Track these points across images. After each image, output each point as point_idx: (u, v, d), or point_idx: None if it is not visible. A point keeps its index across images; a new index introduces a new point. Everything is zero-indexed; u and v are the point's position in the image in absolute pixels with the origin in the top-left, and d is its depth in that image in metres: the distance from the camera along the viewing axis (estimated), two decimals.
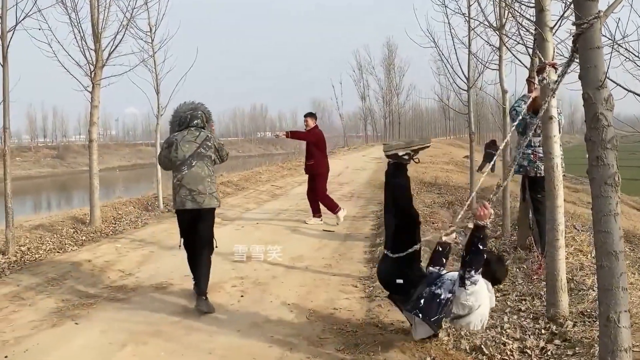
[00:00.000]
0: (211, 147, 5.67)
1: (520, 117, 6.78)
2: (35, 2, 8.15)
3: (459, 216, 4.54)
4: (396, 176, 4.58)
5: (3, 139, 8.01)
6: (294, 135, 10.85)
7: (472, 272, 3.81)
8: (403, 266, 4.18)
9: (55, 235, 9.10)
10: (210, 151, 5.66)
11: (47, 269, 7.15)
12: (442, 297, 3.97)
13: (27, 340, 4.71)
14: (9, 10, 7.80)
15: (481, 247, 3.80)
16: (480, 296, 3.90)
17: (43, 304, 5.73)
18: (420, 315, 4.00)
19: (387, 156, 4.60)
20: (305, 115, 10.55)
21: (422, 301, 4.01)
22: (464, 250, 4.00)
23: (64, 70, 9.96)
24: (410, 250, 4.12)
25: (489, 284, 4.06)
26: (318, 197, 10.44)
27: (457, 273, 4.02)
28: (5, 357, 4.36)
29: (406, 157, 4.54)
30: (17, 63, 8.35)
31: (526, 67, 6.77)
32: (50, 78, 42.57)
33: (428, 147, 4.68)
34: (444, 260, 4.49)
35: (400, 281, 4.14)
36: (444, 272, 4.33)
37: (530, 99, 5.85)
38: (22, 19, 7.97)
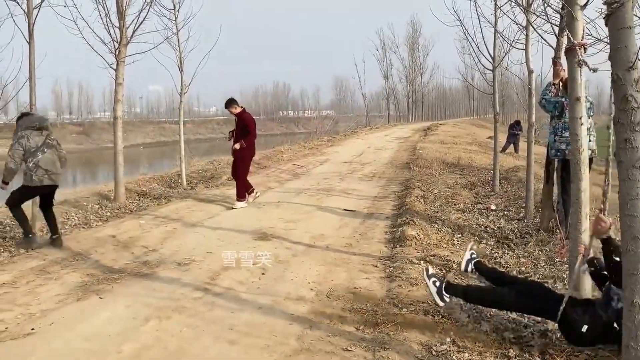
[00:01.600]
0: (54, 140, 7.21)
1: (556, 100, 6.72)
2: None
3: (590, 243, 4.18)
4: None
5: None
6: (248, 142, 10.02)
7: None
8: (571, 320, 3.82)
9: (80, 211, 9.25)
10: (54, 142, 7.23)
11: (72, 244, 7.28)
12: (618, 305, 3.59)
13: (53, 314, 4.81)
14: None
15: (618, 259, 3.50)
16: None
17: (68, 278, 5.85)
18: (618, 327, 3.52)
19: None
20: (228, 105, 10.01)
21: (615, 324, 3.60)
22: (607, 272, 3.77)
23: (89, 48, 10.05)
24: (562, 307, 3.81)
25: None
26: (240, 179, 10.07)
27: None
28: (32, 329, 4.47)
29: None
30: (42, 40, 8.42)
31: (552, 47, 6.65)
32: (75, 55, 42.90)
33: None
34: (606, 274, 3.96)
35: (585, 327, 3.73)
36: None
37: (559, 81, 5.76)
38: None
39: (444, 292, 4.40)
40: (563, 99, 6.56)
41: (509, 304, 4.21)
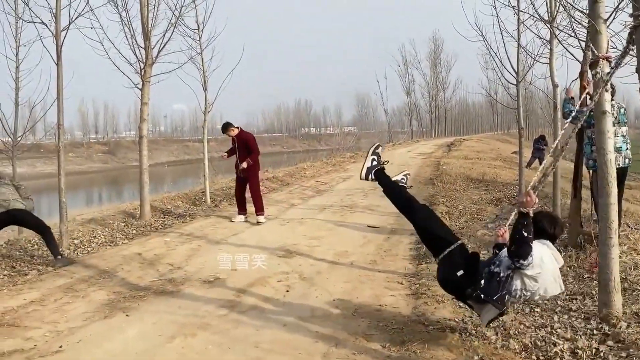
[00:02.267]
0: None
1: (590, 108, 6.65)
2: (88, 1, 8.38)
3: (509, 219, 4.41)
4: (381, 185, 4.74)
5: (57, 136, 8.26)
6: (252, 158, 10.26)
7: (522, 261, 3.77)
8: (453, 261, 4.12)
9: (106, 229, 9.36)
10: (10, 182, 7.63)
11: (99, 262, 7.36)
12: (502, 274, 3.92)
13: (80, 331, 4.85)
14: (63, 10, 8.04)
15: (525, 234, 3.77)
16: (542, 261, 3.86)
17: (95, 295, 5.90)
18: (482, 295, 3.93)
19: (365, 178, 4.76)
20: (225, 130, 10.24)
21: (482, 282, 3.96)
22: (509, 241, 3.96)
23: (115, 68, 10.25)
24: (452, 247, 4.13)
25: (547, 242, 4.02)
26: (257, 194, 10.28)
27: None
28: (60, 347, 4.51)
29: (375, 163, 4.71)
30: (70, 61, 8.60)
31: (578, 60, 6.59)
32: (101, 75, 43.75)
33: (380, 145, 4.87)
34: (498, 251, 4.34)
35: (460, 272, 4.03)
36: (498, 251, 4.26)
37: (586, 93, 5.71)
38: (75, 18, 8.22)
39: (372, 173, 4.70)
40: None
41: (418, 217, 4.47)
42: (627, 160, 6.71)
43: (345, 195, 13.64)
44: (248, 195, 10.40)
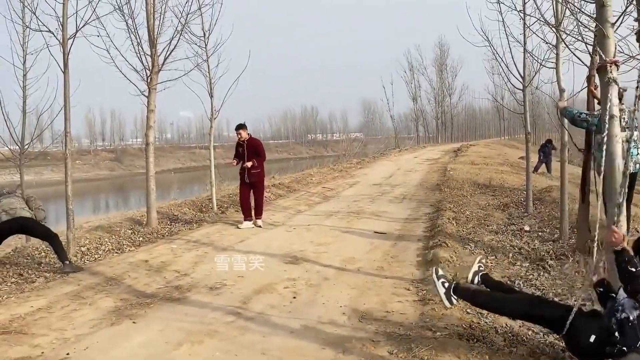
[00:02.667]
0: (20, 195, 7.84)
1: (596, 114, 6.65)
2: (94, 10, 8.42)
3: (599, 260, 4.11)
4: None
5: (64, 143, 8.29)
6: (260, 162, 10.49)
7: None
8: (579, 331, 3.74)
9: (113, 236, 9.37)
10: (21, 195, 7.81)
11: (106, 269, 7.36)
12: (632, 317, 3.50)
13: (87, 338, 4.85)
14: (70, 18, 8.09)
15: (633, 269, 3.52)
16: None
17: (102, 303, 5.90)
18: (624, 348, 3.46)
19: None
20: (240, 128, 10.44)
21: (616, 334, 3.51)
22: (622, 283, 3.66)
23: (122, 76, 10.29)
24: (571, 317, 3.74)
25: None
26: (261, 199, 10.55)
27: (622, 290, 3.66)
28: (67, 354, 4.51)
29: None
30: (76, 69, 8.64)
31: (585, 65, 6.57)
32: (108, 83, 44.00)
33: None
34: (614, 295, 3.81)
35: (592, 337, 3.64)
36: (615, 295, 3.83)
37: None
38: (82, 27, 8.25)
39: (452, 294, 4.40)
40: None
41: (517, 310, 4.13)
42: (637, 166, 6.67)
43: (352, 202, 13.62)
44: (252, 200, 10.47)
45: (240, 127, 10.45)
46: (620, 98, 6.48)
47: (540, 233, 8.68)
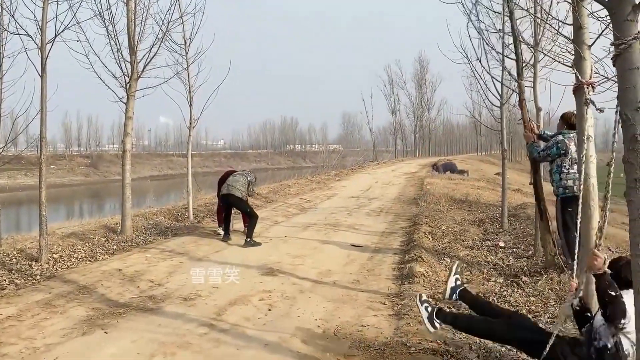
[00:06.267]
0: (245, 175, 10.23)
1: (555, 141, 6.76)
2: (74, 15, 8.37)
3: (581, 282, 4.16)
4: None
5: (39, 149, 8.18)
6: None
7: (622, 320, 3.49)
8: (558, 357, 3.78)
9: (87, 244, 9.24)
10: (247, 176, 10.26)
11: (79, 277, 7.25)
12: (609, 345, 3.58)
13: (57, 348, 4.77)
14: (49, 22, 8.01)
15: (613, 294, 3.49)
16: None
17: (74, 311, 5.81)
18: None
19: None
20: None
21: None
22: (601, 307, 3.64)
23: (100, 82, 10.19)
24: (549, 343, 3.75)
25: (629, 291, 3.78)
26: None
27: (600, 315, 3.67)
28: None
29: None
30: (54, 73, 8.54)
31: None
32: (86, 88, 43.57)
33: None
34: (589, 315, 3.98)
35: None
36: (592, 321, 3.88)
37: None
38: (61, 31, 8.18)
39: (435, 318, 4.40)
40: (562, 137, 6.68)
41: (499, 336, 4.17)
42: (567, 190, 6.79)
43: (329, 214, 13.63)
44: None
45: None
46: (574, 127, 6.65)
47: (514, 249, 8.76)
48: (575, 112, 6.79)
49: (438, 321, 4.38)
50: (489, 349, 4.58)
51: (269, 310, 5.91)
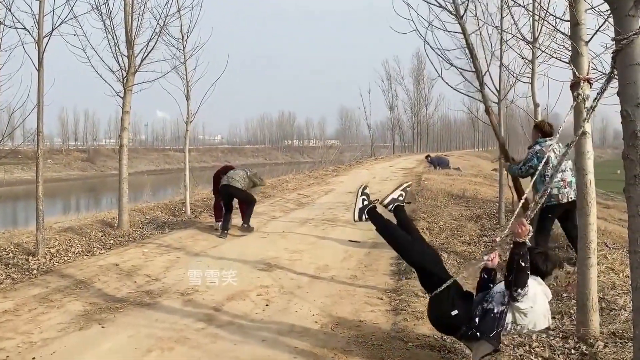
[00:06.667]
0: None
1: (534, 152, 6.77)
2: (72, 8, 8.33)
3: (499, 238, 4.39)
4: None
5: (36, 143, 8.15)
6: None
7: (519, 290, 3.69)
8: (447, 300, 3.99)
9: (83, 238, 9.22)
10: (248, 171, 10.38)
11: (75, 272, 7.24)
12: (496, 310, 3.83)
13: (54, 343, 4.76)
14: (46, 16, 7.97)
15: (523, 264, 3.70)
16: (535, 297, 3.79)
17: (71, 306, 5.80)
18: (478, 334, 3.82)
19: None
20: None
21: (476, 320, 3.85)
22: (505, 270, 3.86)
23: (97, 76, 10.15)
24: (445, 285, 3.98)
25: (537, 278, 3.93)
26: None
27: (503, 285, 3.89)
28: (33, 358, 4.42)
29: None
30: (51, 67, 8.50)
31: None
32: (83, 82, 43.40)
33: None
34: (492, 286, 4.17)
35: (455, 312, 3.91)
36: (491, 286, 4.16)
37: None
38: (58, 25, 8.15)
39: (365, 213, 4.64)
40: (539, 147, 6.69)
41: (410, 255, 4.41)
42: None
43: (327, 209, 13.61)
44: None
45: None
46: (551, 134, 6.67)
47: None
48: (547, 121, 6.93)
49: (366, 217, 4.67)
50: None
51: (267, 305, 5.91)
